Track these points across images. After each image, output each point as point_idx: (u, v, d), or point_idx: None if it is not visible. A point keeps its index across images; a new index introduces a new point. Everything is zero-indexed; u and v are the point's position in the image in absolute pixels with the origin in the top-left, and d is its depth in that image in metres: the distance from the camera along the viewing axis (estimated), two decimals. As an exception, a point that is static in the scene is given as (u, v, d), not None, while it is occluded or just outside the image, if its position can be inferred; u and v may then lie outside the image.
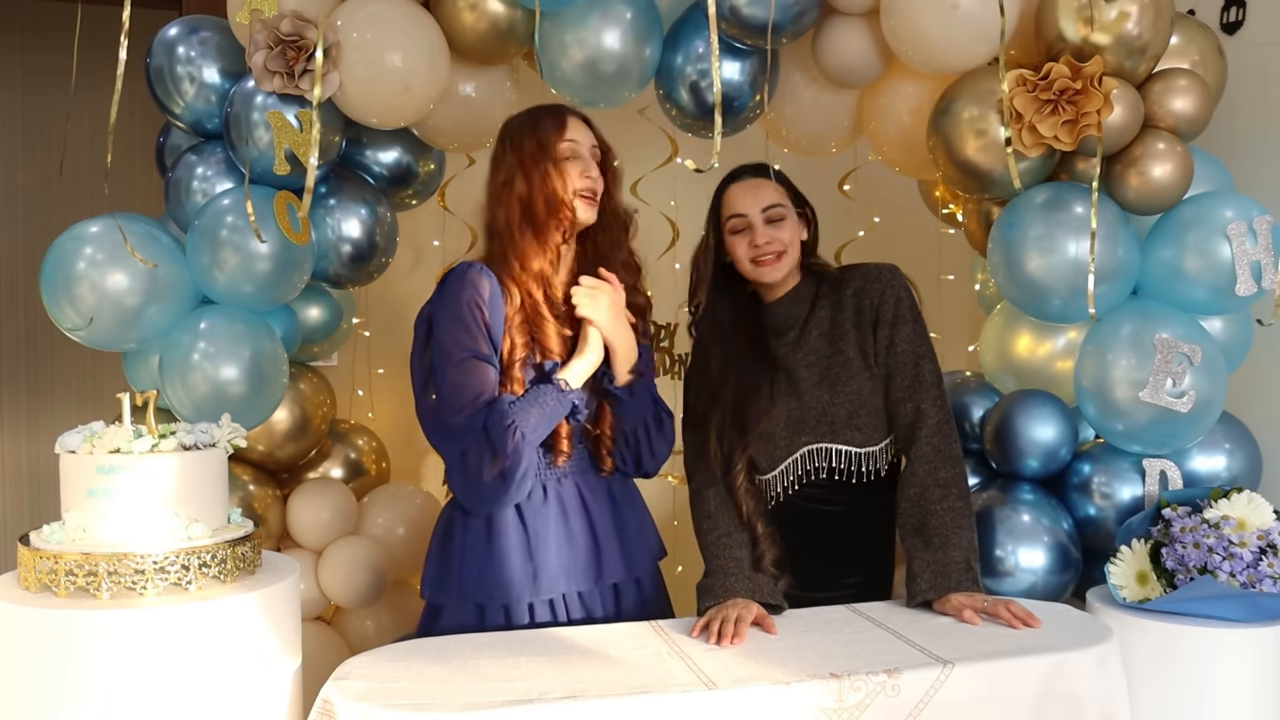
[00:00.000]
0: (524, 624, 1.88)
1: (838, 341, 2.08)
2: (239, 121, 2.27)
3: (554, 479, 1.94)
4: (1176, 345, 2.09)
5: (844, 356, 2.07)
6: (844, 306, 2.09)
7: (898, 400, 2.04)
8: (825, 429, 2.07)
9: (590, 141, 1.96)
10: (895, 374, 2.05)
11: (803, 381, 2.09)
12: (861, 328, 2.07)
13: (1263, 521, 1.92)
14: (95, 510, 1.69)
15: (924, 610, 1.90)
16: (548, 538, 1.90)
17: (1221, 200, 2.15)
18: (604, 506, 1.97)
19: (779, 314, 2.14)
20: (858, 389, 2.06)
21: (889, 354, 2.05)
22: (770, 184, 2.10)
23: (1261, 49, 2.51)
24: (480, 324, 1.83)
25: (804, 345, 2.11)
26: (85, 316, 2.21)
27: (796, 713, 1.53)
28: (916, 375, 2.03)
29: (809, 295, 2.13)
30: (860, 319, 2.07)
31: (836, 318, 2.10)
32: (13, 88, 4.37)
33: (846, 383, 2.06)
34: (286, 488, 2.63)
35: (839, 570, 2.11)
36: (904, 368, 2.04)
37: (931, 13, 2.16)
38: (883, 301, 2.06)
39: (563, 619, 1.91)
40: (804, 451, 2.09)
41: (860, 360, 2.07)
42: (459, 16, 2.26)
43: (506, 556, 1.88)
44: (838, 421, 2.07)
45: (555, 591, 1.90)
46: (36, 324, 4.27)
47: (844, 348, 2.08)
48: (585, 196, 1.92)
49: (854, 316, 2.08)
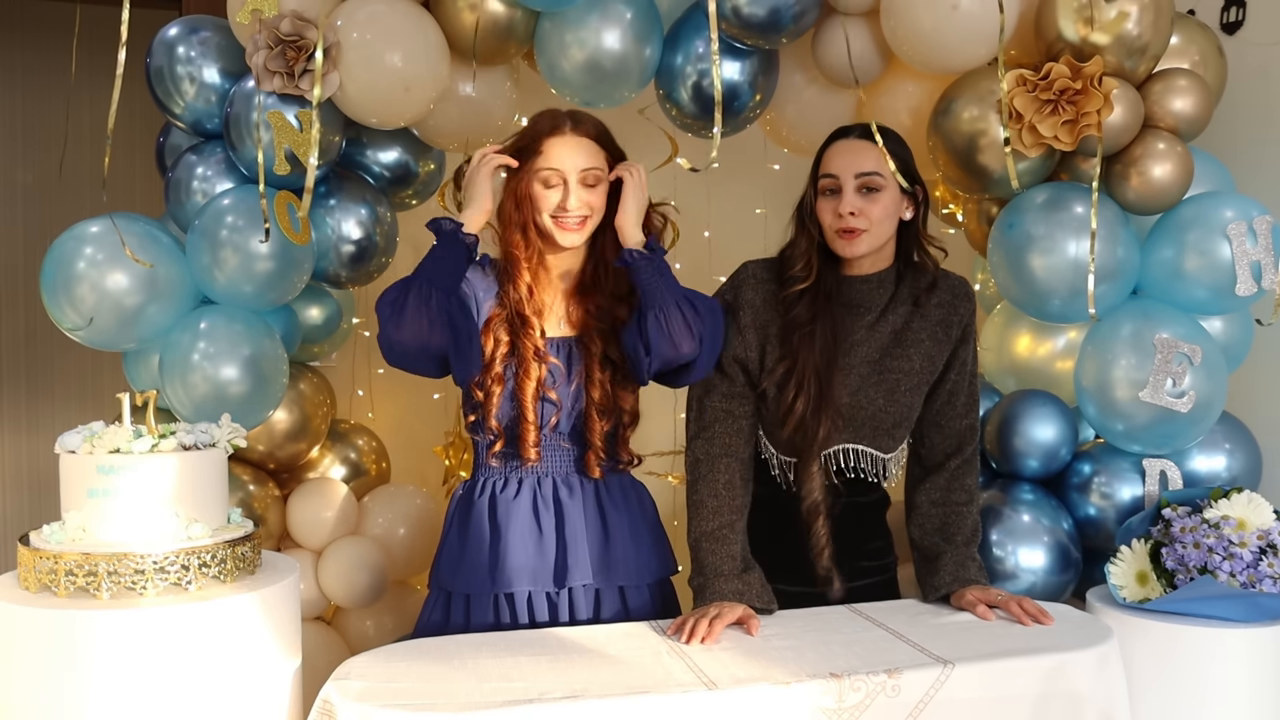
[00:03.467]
0: (487, 619, 1.89)
1: (908, 347, 1.99)
2: (239, 121, 2.27)
3: (531, 475, 1.93)
4: (1176, 345, 2.09)
5: (910, 365, 1.98)
6: (927, 315, 1.99)
7: (957, 415, 2.03)
8: (867, 432, 2.01)
9: (582, 165, 1.87)
10: (958, 391, 2.03)
11: (859, 377, 1.98)
12: (940, 342, 1.99)
13: (1263, 521, 1.92)
14: (95, 510, 1.69)
15: (925, 610, 1.90)
16: (512, 533, 1.90)
17: (1221, 200, 2.16)
18: (584, 510, 1.94)
19: (858, 292, 1.98)
20: (910, 402, 2.01)
21: (958, 371, 2.02)
22: (875, 149, 1.92)
23: (1261, 49, 2.51)
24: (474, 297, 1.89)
25: (874, 338, 1.99)
26: (85, 316, 2.21)
27: (796, 713, 1.53)
28: (972, 394, 2.05)
29: (892, 281, 1.99)
30: (943, 334, 2.00)
31: (914, 322, 1.99)
32: (13, 88, 4.37)
33: (904, 394, 1.99)
34: (286, 488, 2.62)
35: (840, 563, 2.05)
36: (966, 386, 2.03)
37: (931, 13, 2.16)
38: (969, 322, 2.02)
39: (524, 620, 1.90)
40: (839, 449, 2.02)
41: (923, 374, 2.00)
42: (459, 16, 2.26)
43: (472, 548, 1.92)
44: (881, 429, 2.01)
45: (513, 587, 1.89)
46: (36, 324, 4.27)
47: (913, 355, 1.99)
48: (563, 226, 1.87)
49: (936, 329, 1.99)
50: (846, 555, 2.04)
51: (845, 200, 1.90)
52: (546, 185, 1.87)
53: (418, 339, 1.77)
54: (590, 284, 1.97)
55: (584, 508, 1.94)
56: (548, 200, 1.87)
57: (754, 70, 2.45)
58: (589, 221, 1.89)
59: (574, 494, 1.95)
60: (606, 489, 1.97)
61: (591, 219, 1.90)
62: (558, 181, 1.86)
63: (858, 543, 2.09)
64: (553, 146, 1.87)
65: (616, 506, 1.97)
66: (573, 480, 1.95)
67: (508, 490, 1.93)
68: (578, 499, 1.94)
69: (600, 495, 1.96)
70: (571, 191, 1.86)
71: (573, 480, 1.95)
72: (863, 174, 1.91)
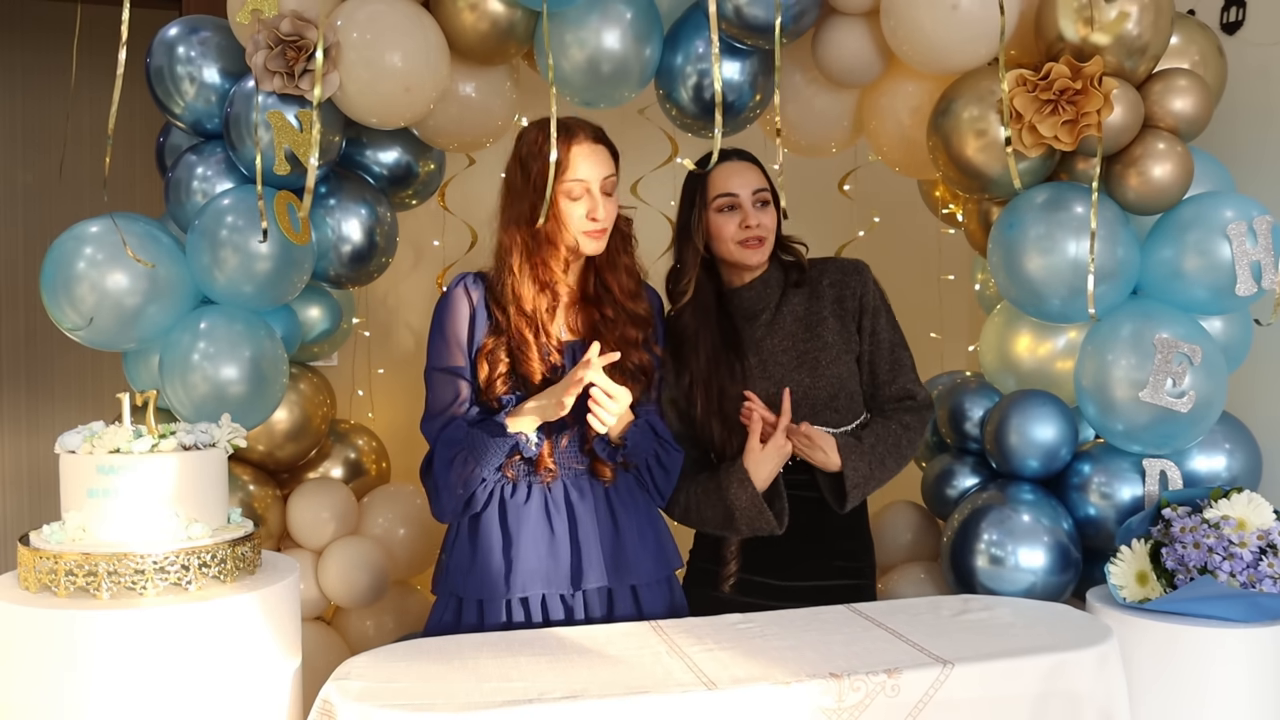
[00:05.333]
0: (499, 622, 1.90)
1: (815, 327, 2.15)
2: (239, 121, 2.27)
3: (542, 482, 1.94)
4: (1176, 345, 2.09)
5: (823, 341, 2.14)
6: (821, 296, 2.17)
7: (883, 383, 2.17)
8: (805, 411, 2.11)
9: (604, 173, 1.92)
10: (878, 360, 2.16)
11: (779, 366, 2.14)
12: (842, 317, 2.15)
13: (1263, 521, 1.92)
14: (95, 510, 1.69)
15: (924, 610, 1.90)
16: (523, 538, 1.91)
17: (1221, 200, 2.15)
18: (595, 512, 1.95)
19: (748, 298, 2.17)
20: (838, 373, 2.13)
21: (872, 342, 2.16)
22: (757, 169, 2.17)
23: (1261, 49, 2.51)
24: (455, 339, 1.94)
25: (778, 330, 2.16)
26: (85, 316, 2.21)
27: (796, 713, 1.53)
28: (895, 360, 2.16)
29: (778, 282, 2.19)
30: (841, 308, 2.15)
31: (813, 305, 2.16)
32: (13, 88, 4.37)
33: (827, 366, 2.13)
34: (286, 488, 2.62)
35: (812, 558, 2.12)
36: (885, 354, 2.16)
37: (931, 13, 2.16)
38: (865, 293, 2.16)
39: (538, 622, 1.90)
40: None
41: (841, 346, 2.14)
42: (459, 16, 2.26)
43: (485, 553, 1.92)
44: (817, 404, 2.12)
45: (527, 591, 1.90)
46: (36, 324, 4.27)
47: (823, 333, 2.14)
48: (592, 235, 1.91)
49: (833, 306, 2.16)
50: (815, 551, 2.12)
51: (750, 214, 2.11)
52: (571, 197, 1.89)
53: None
54: (595, 295, 1.98)
55: (595, 509, 1.95)
56: (574, 212, 1.89)
57: (754, 70, 2.45)
58: (607, 232, 1.94)
59: (585, 496, 1.95)
60: (615, 488, 1.98)
61: (609, 229, 1.94)
62: (581, 193, 1.90)
63: (830, 540, 2.13)
64: (575, 157, 1.89)
65: (625, 505, 1.98)
66: (583, 482, 1.96)
67: (517, 496, 1.93)
68: (588, 500, 1.95)
69: (610, 495, 1.98)
70: (599, 202, 1.90)
71: (583, 482, 1.96)
72: (759, 190, 2.13)
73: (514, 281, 1.92)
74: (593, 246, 1.93)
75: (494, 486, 1.93)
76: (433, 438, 1.94)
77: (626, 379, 1.95)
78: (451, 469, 1.88)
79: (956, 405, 2.50)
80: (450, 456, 1.89)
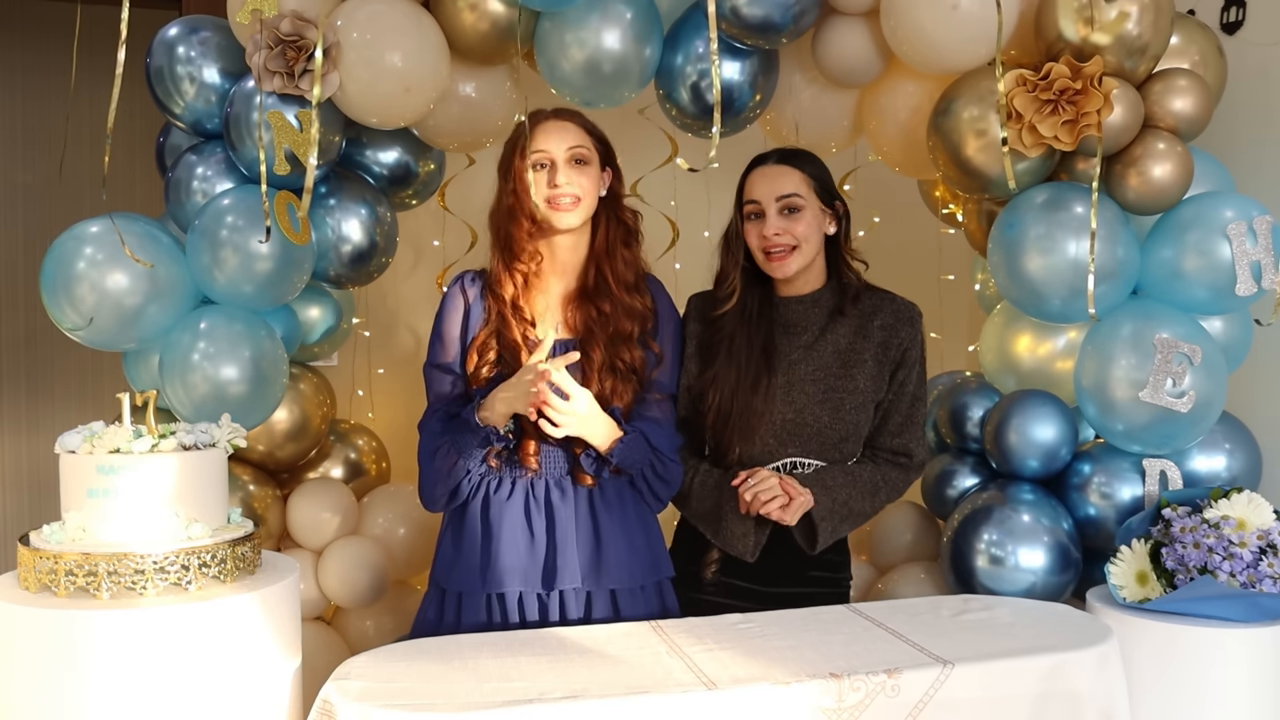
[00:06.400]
0: (479, 619, 1.91)
1: (852, 367, 2.07)
2: (239, 121, 2.27)
3: (525, 477, 1.95)
4: (1176, 345, 2.09)
5: (855, 384, 2.07)
6: (869, 335, 2.09)
7: (889, 433, 2.12)
8: (814, 447, 2.08)
9: (570, 144, 1.95)
10: (894, 410, 2.11)
11: (803, 395, 2.07)
12: (882, 364, 2.09)
13: (1263, 521, 1.92)
14: (95, 510, 1.69)
15: (924, 610, 1.90)
16: (503, 534, 1.92)
17: (1221, 200, 2.15)
18: (575, 514, 1.95)
19: (794, 312, 2.11)
20: (857, 420, 2.09)
21: (895, 393, 2.10)
22: (794, 172, 2.06)
23: (1261, 49, 2.51)
24: (449, 336, 1.99)
25: (814, 357, 2.09)
26: (85, 316, 2.21)
27: (796, 713, 1.53)
28: (911, 416, 2.11)
29: (830, 304, 2.11)
30: (884, 355, 2.09)
31: (857, 343, 2.09)
32: (13, 88, 4.37)
33: (850, 411, 2.07)
34: (286, 488, 2.62)
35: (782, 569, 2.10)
36: (904, 407, 2.11)
37: (931, 13, 2.16)
38: (910, 346, 2.10)
39: (514, 620, 1.91)
40: (786, 463, 2.09)
41: (869, 393, 2.08)
42: (459, 16, 2.26)
43: (467, 546, 1.94)
44: (828, 443, 2.08)
45: (503, 588, 1.91)
46: (36, 324, 4.27)
47: (857, 375, 2.07)
48: (557, 205, 1.92)
49: (877, 350, 2.08)
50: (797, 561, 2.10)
51: (770, 223, 2.03)
52: (535, 170, 1.93)
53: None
54: (593, 289, 1.98)
55: (575, 510, 1.95)
56: (539, 184, 1.92)
57: (754, 70, 2.45)
58: (582, 204, 1.94)
59: (566, 496, 1.95)
60: (600, 491, 1.97)
61: (585, 202, 1.94)
62: (546, 162, 1.93)
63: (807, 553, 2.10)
64: (538, 133, 1.94)
65: (610, 509, 1.97)
66: (565, 483, 1.96)
67: (501, 491, 1.95)
68: (569, 501, 1.95)
69: (593, 498, 1.97)
70: (560, 170, 1.92)
71: (565, 483, 1.96)
72: (782, 196, 2.04)
73: (493, 267, 1.99)
74: (560, 218, 1.93)
75: (481, 479, 1.95)
76: (421, 430, 1.99)
77: (617, 378, 1.95)
78: (435, 460, 1.92)
79: (956, 405, 2.50)
80: (434, 448, 1.93)
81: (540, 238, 1.97)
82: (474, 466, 1.92)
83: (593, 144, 1.98)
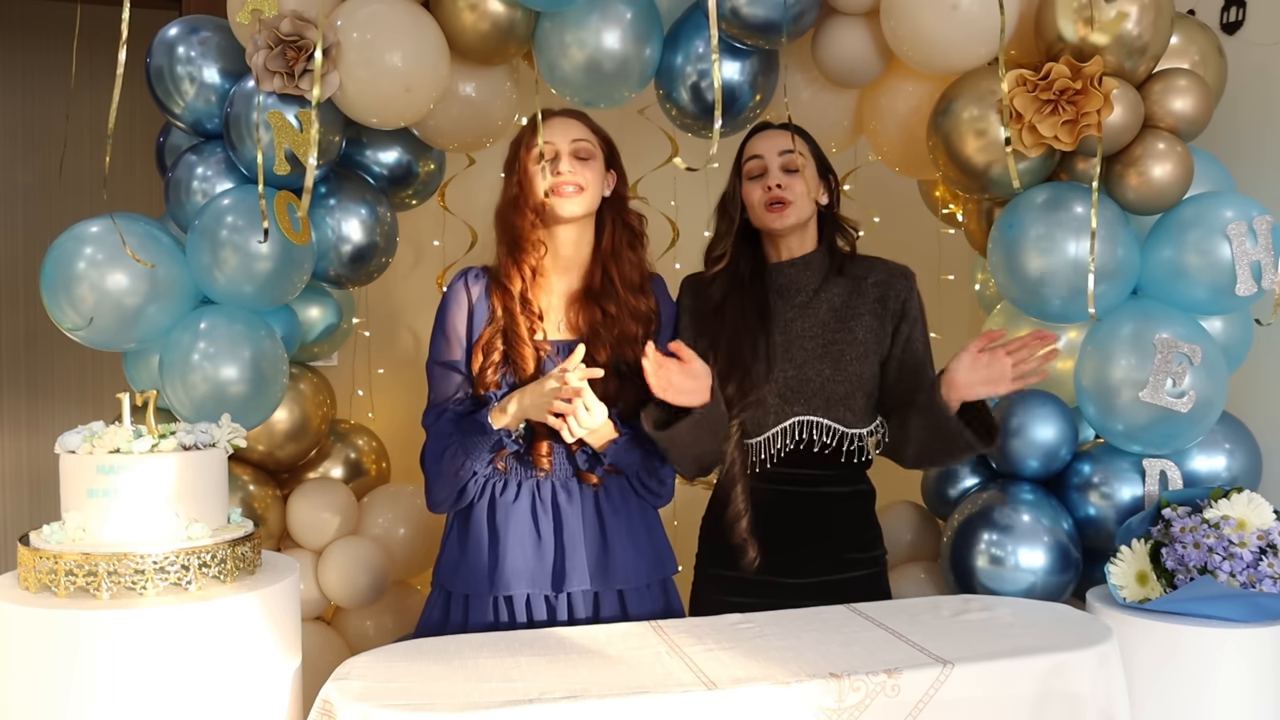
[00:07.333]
0: (485, 620, 1.91)
1: (849, 321, 2.09)
2: (239, 121, 2.27)
3: (531, 479, 1.94)
4: (1176, 345, 2.09)
5: (853, 336, 2.08)
6: (863, 292, 2.11)
7: (908, 390, 2.08)
8: (819, 403, 2.07)
9: (575, 136, 1.98)
10: (906, 369, 2.10)
11: (803, 351, 2.08)
12: (880, 317, 2.10)
13: (1263, 521, 1.92)
14: (95, 510, 1.69)
15: (924, 610, 1.90)
16: (510, 537, 1.92)
17: (1221, 200, 2.15)
18: (582, 515, 1.95)
19: (787, 275, 2.13)
20: (860, 371, 2.08)
21: (906, 349, 2.11)
22: (796, 138, 2.13)
23: (1261, 49, 2.51)
24: (453, 333, 1.97)
25: (810, 315, 2.11)
26: (85, 316, 2.21)
27: (796, 713, 1.53)
28: (921, 373, 2.10)
29: (822, 266, 2.14)
30: (882, 309, 2.10)
31: (852, 299, 2.11)
32: (13, 88, 4.37)
33: (851, 363, 2.07)
34: (286, 488, 2.62)
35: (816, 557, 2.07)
36: (919, 365, 2.11)
37: (931, 13, 2.16)
38: (909, 299, 2.12)
39: (522, 621, 1.91)
40: (794, 422, 2.06)
41: (871, 345, 2.09)
42: (459, 16, 2.26)
43: (473, 549, 1.94)
44: (834, 398, 2.07)
45: (511, 590, 1.90)
46: (36, 324, 4.27)
47: (855, 328, 2.09)
48: (560, 193, 1.94)
49: (875, 305, 2.10)
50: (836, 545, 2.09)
51: (772, 175, 2.09)
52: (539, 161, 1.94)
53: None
54: (599, 290, 1.98)
55: (582, 512, 1.95)
56: (544, 174, 1.93)
57: (754, 70, 2.45)
58: (585, 194, 1.95)
59: (572, 498, 1.95)
60: (605, 492, 1.97)
61: (588, 192, 1.96)
62: (551, 154, 1.95)
63: (839, 534, 2.10)
64: (545, 127, 1.96)
65: (615, 509, 1.97)
66: (572, 485, 1.96)
67: (507, 493, 1.94)
68: (576, 503, 1.95)
69: (599, 499, 1.97)
70: (564, 159, 1.95)
71: (572, 485, 1.96)
72: (785, 151, 2.10)
73: (501, 263, 1.99)
74: (563, 205, 1.94)
75: (486, 481, 1.94)
76: (427, 429, 1.98)
77: (621, 380, 1.94)
78: (442, 461, 1.92)
79: (956, 405, 2.50)
80: (441, 449, 1.92)
81: (543, 228, 1.97)
82: (480, 468, 1.91)
83: (598, 142, 2.01)
